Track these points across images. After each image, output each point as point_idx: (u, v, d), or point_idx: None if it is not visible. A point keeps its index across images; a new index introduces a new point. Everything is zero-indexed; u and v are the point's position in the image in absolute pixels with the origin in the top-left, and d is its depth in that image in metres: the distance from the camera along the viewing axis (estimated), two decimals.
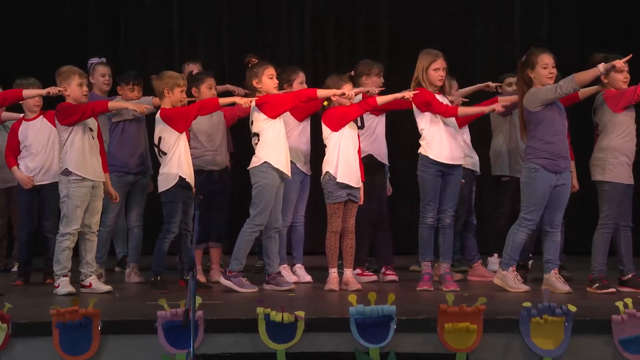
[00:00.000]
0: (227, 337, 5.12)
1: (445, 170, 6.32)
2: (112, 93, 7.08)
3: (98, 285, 6.18)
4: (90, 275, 6.19)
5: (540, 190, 6.09)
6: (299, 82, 6.67)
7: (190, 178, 6.26)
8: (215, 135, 6.70)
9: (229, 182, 6.74)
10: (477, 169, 7.09)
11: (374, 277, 6.75)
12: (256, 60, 6.54)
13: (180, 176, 6.21)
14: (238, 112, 6.73)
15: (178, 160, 6.21)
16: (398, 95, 6.31)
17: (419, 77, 6.31)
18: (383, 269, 6.80)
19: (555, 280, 6.11)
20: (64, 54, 8.28)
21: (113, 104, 6.40)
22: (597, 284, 6.15)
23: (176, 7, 8.87)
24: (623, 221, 6.19)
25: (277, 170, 6.18)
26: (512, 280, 6.18)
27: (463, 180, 6.59)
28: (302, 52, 8.89)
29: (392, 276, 6.73)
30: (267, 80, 6.26)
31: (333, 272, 6.33)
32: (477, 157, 7.07)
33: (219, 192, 6.69)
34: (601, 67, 5.95)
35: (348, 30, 8.92)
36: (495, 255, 7.22)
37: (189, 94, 6.46)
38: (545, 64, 6.09)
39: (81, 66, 6.44)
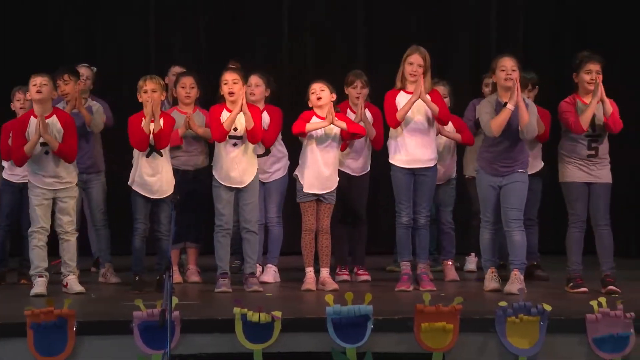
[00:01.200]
0: (203, 338, 5.11)
1: (416, 171, 6.35)
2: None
3: (73, 285, 6.15)
4: (68, 275, 6.15)
5: (483, 190, 6.23)
6: (248, 84, 6.65)
7: (151, 189, 6.32)
8: (190, 136, 6.68)
9: (204, 182, 6.74)
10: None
11: (347, 277, 6.73)
12: (238, 66, 6.52)
13: (136, 178, 6.31)
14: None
15: (137, 162, 6.35)
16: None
17: (400, 69, 6.34)
18: (355, 269, 6.80)
19: (511, 279, 6.11)
20: (38, 56, 8.23)
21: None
22: (571, 283, 6.19)
23: (154, 8, 8.84)
24: (597, 220, 6.22)
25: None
26: (487, 280, 6.22)
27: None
28: (280, 52, 8.87)
29: (364, 276, 6.74)
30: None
31: (309, 272, 6.34)
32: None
33: (195, 192, 6.67)
34: (509, 105, 6.05)
35: (325, 31, 8.91)
36: (473, 254, 7.27)
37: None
38: (502, 66, 6.16)
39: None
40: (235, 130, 6.26)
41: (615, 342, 5.16)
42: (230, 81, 6.25)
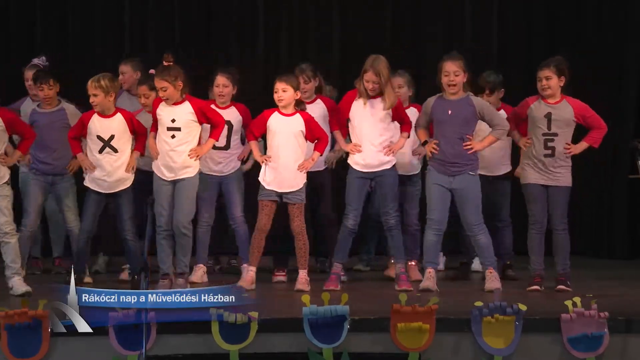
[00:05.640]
0: (179, 338, 5.10)
1: (372, 175, 6.33)
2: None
3: (18, 286, 6.02)
4: (12, 277, 6.04)
5: (432, 191, 6.23)
6: (215, 85, 6.66)
7: (96, 180, 6.28)
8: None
9: None
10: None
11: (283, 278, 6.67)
12: (172, 61, 6.34)
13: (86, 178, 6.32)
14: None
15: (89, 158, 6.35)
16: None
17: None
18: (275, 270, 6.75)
19: (488, 278, 6.19)
20: (10, 50, 8.15)
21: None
22: (529, 282, 6.27)
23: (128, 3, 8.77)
24: (554, 224, 6.27)
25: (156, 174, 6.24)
26: (425, 280, 6.23)
27: None
28: (254, 49, 8.83)
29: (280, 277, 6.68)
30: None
31: (250, 270, 6.28)
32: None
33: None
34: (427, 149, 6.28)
35: (300, 26, 8.87)
36: (441, 254, 7.28)
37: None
38: (446, 71, 6.20)
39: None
40: (173, 122, 6.21)
41: (590, 342, 5.20)
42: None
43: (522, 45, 8.35)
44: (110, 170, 6.27)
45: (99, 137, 6.26)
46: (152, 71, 6.65)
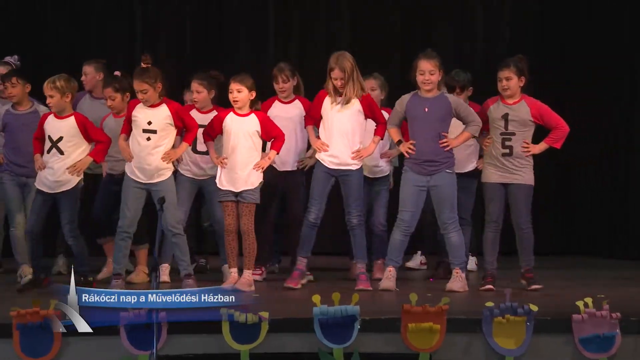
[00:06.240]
0: (190, 338, 5.10)
1: (337, 172, 6.34)
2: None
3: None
4: None
5: (407, 192, 6.24)
6: (192, 90, 6.69)
7: (42, 178, 6.28)
8: (115, 142, 6.50)
9: None
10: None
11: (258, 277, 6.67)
12: (150, 62, 6.31)
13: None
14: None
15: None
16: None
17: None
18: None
19: (453, 277, 6.23)
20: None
21: None
22: (482, 281, 6.29)
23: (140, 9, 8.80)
24: (517, 223, 6.29)
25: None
26: (385, 280, 6.24)
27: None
28: (265, 54, 8.85)
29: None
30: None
31: (232, 272, 6.30)
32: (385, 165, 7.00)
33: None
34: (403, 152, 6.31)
35: (310, 31, 8.90)
36: (419, 252, 7.45)
37: None
38: (421, 70, 6.22)
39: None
40: (149, 124, 6.22)
41: (601, 342, 5.18)
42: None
43: (533, 47, 8.36)
44: (53, 170, 6.27)
45: (49, 138, 6.29)
46: (117, 73, 6.73)
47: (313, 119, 6.45)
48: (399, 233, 6.26)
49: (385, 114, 6.55)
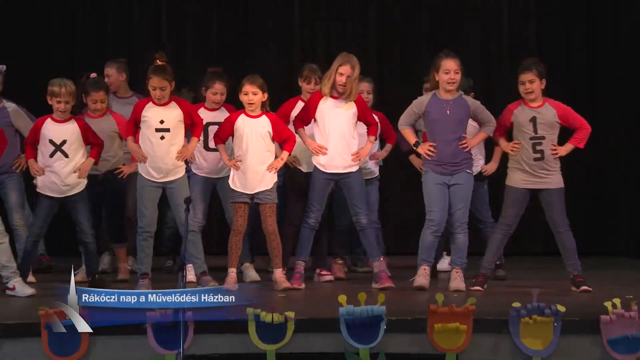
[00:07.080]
0: (217, 338, 5.12)
1: (336, 177, 6.35)
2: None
3: (22, 288, 6.04)
4: (13, 278, 6.04)
5: (431, 190, 6.21)
6: (212, 92, 6.66)
7: (47, 184, 6.26)
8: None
9: (116, 185, 6.75)
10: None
11: (330, 277, 6.73)
12: (165, 60, 6.33)
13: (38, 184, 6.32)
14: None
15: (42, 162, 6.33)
16: None
17: (331, 76, 6.31)
18: (318, 270, 6.78)
19: (453, 277, 6.20)
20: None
21: None
22: (473, 280, 6.26)
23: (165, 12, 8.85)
24: (555, 226, 6.25)
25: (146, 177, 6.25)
26: (419, 277, 6.21)
27: None
28: (291, 56, 8.86)
29: (327, 276, 6.73)
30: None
31: (231, 272, 6.29)
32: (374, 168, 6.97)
33: (105, 195, 6.71)
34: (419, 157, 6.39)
35: (337, 30, 8.90)
36: (445, 254, 7.28)
37: None
38: (446, 69, 6.18)
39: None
40: (162, 123, 6.22)
41: (630, 343, 5.14)
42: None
43: (561, 48, 8.33)
44: (59, 174, 6.25)
45: (51, 142, 6.25)
46: (93, 75, 6.71)
47: (304, 121, 6.42)
48: (429, 234, 6.24)
49: (375, 117, 6.59)
